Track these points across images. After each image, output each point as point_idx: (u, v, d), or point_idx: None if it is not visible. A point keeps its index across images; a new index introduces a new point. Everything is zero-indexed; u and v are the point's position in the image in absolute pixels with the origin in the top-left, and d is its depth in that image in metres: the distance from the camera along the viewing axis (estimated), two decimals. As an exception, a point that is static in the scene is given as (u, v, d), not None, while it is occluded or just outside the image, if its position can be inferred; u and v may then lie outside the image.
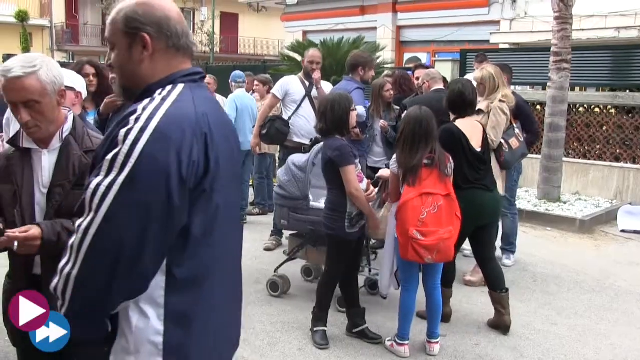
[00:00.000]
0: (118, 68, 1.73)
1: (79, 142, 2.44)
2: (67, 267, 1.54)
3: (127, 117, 1.57)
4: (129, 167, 1.50)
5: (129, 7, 1.70)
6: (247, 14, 28.04)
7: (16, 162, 2.39)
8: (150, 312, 1.62)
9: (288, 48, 13.99)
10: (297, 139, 6.26)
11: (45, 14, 29.66)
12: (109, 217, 1.50)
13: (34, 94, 2.24)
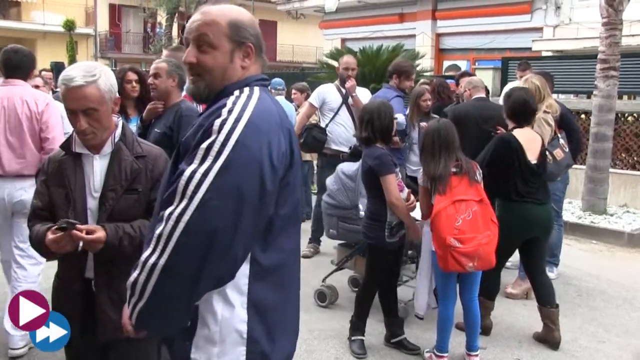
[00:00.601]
0: (211, 70, 1.76)
1: (129, 147, 2.49)
2: (152, 257, 1.56)
3: (218, 110, 1.64)
4: (224, 154, 1.55)
5: (234, 14, 1.80)
6: (286, 22, 28.21)
7: (69, 166, 2.43)
8: (235, 300, 1.66)
9: (326, 55, 13.97)
10: (335, 147, 6.26)
11: (90, 23, 30.40)
12: (204, 203, 1.53)
13: (93, 102, 2.31)
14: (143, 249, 1.61)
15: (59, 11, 27.96)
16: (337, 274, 5.23)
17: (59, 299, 2.52)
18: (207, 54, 1.76)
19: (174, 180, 1.60)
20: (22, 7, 29.32)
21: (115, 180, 2.42)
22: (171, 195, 1.59)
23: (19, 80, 4.21)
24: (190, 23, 1.80)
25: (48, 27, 28.19)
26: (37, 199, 2.50)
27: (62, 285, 2.50)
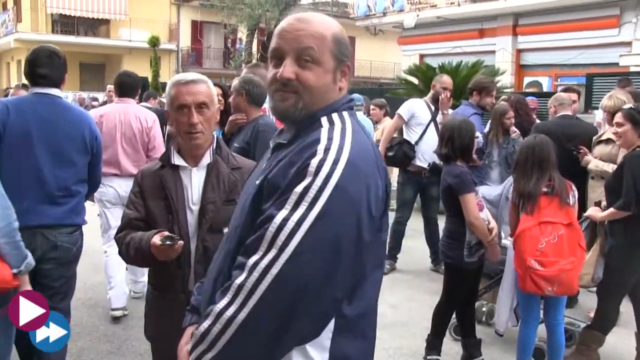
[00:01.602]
0: (312, 87, 1.57)
1: (225, 160, 2.55)
2: (229, 310, 1.41)
3: (312, 147, 1.47)
4: (321, 202, 1.40)
5: (336, 28, 1.63)
6: (364, 37, 28.29)
7: (169, 179, 2.47)
8: (316, 356, 1.49)
9: (405, 72, 13.95)
10: (419, 163, 6.27)
11: (173, 39, 31.48)
12: (296, 256, 1.38)
13: (206, 97, 2.43)
14: (217, 298, 1.47)
15: (144, 28, 29.11)
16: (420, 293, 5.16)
17: (161, 310, 2.52)
18: (309, 70, 1.56)
19: (260, 225, 1.45)
20: (110, 24, 30.71)
21: (214, 192, 2.46)
22: (256, 241, 1.43)
23: (130, 99, 5.24)
24: (286, 32, 1.59)
25: (134, 44, 29.36)
26: (132, 210, 2.52)
27: (166, 297, 2.48)
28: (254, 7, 22.54)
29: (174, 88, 2.44)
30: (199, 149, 2.47)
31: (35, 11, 28.80)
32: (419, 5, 21.24)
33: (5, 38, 29.43)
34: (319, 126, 1.54)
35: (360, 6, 24.39)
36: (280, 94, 1.59)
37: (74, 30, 29.90)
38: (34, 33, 28.54)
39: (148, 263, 2.48)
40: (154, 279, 2.59)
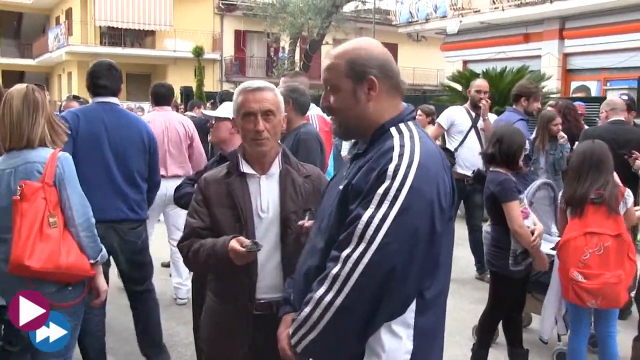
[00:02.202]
0: (340, 110, 1.89)
1: (295, 168, 2.55)
2: (328, 296, 1.71)
3: (388, 154, 1.74)
4: (400, 200, 1.66)
5: (350, 53, 1.88)
6: (406, 44, 28.15)
7: (237, 186, 2.45)
8: (402, 332, 1.75)
9: (449, 78, 13.82)
10: (460, 170, 6.19)
11: (216, 49, 31.88)
12: (382, 247, 1.65)
13: (272, 105, 2.44)
14: (314, 287, 1.77)
15: (188, 38, 29.59)
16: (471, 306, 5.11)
17: (224, 317, 2.49)
18: (332, 96, 1.89)
19: (349, 223, 1.72)
20: (156, 35, 31.31)
21: (294, 202, 2.45)
22: (347, 237, 1.71)
23: (167, 107, 5.79)
24: (322, 70, 1.94)
25: (178, 54, 29.85)
26: (196, 219, 2.48)
27: (231, 305, 2.46)
28: (296, 16, 22.67)
29: (241, 95, 2.45)
30: (265, 156, 2.47)
31: (85, 24, 29.60)
32: (462, 11, 21.06)
33: (57, 51, 30.31)
34: (390, 136, 1.81)
35: (403, 13, 24.31)
36: (331, 119, 1.98)
37: (120, 42, 30.62)
38: (83, 45, 29.34)
39: (219, 269, 2.44)
40: (218, 287, 2.55)
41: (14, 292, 2.63)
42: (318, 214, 2.09)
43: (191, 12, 30.51)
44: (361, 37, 1.99)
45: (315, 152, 4.07)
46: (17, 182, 2.88)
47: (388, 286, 1.67)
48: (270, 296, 2.41)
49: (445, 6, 21.86)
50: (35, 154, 2.95)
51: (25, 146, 2.96)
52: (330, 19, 22.69)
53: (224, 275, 2.47)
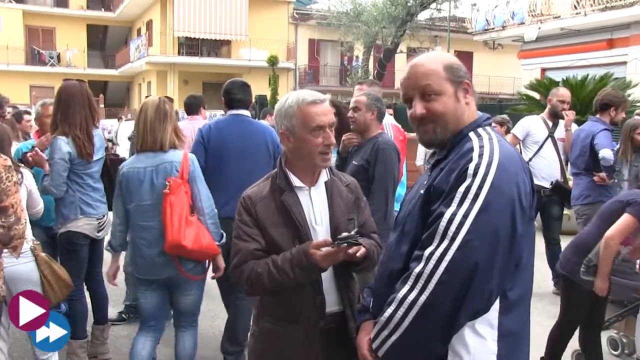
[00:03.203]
0: (444, 114, 1.89)
1: (337, 178, 2.53)
2: (411, 294, 1.72)
3: (468, 154, 1.78)
4: (481, 197, 1.69)
5: (443, 58, 1.94)
6: (482, 52, 27.68)
7: (292, 202, 2.37)
8: (486, 333, 1.76)
9: (526, 86, 13.46)
10: (536, 181, 5.95)
11: (290, 58, 32.31)
12: (465, 244, 1.67)
13: (333, 117, 2.42)
14: (397, 287, 1.77)
15: (263, 47, 30.12)
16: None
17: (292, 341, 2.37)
18: (435, 101, 1.88)
19: (432, 222, 1.74)
20: (231, 45, 32.04)
21: (341, 211, 2.43)
22: (430, 236, 1.73)
23: (197, 116, 6.12)
24: (407, 79, 1.95)
25: (253, 63, 30.43)
26: (249, 240, 2.36)
27: (300, 326, 2.35)
28: (370, 25, 22.67)
29: (305, 108, 2.34)
30: (325, 168, 2.45)
31: (164, 35, 30.63)
32: (541, 17, 20.45)
33: (138, 61, 31.50)
34: (469, 139, 1.85)
35: (479, 20, 23.88)
36: (422, 128, 1.94)
37: (197, 52, 31.51)
38: (162, 55, 30.35)
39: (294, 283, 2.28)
40: (280, 309, 2.41)
41: (165, 270, 3.57)
42: (397, 222, 2.09)
43: (266, 21, 31.07)
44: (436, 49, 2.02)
45: (393, 161, 4.07)
46: (159, 179, 3.53)
47: (471, 282, 1.67)
48: (333, 309, 2.38)
49: (523, 13, 21.30)
50: (170, 155, 3.59)
51: (158, 149, 3.57)
52: (405, 28, 22.53)
53: (291, 296, 2.34)
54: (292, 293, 2.32)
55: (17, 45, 33.24)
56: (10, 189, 2.85)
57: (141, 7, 32.72)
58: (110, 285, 4.27)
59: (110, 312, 5.05)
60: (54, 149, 4.14)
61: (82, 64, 34.06)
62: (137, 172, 3.58)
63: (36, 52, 34.57)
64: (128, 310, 5.52)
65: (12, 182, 2.88)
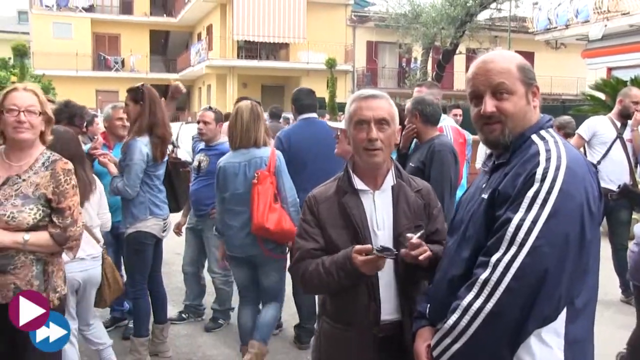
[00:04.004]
0: (514, 114, 1.85)
1: (407, 183, 2.44)
2: (477, 302, 1.69)
3: (534, 158, 1.75)
4: (550, 202, 1.66)
5: (515, 59, 1.90)
6: (544, 52, 26.96)
7: (353, 205, 2.34)
8: (552, 342, 1.72)
9: (591, 87, 13.01)
10: (604, 184, 5.75)
11: (348, 60, 32.32)
12: (534, 250, 1.64)
13: (387, 114, 2.32)
14: (461, 294, 1.74)
15: (321, 50, 30.23)
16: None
17: (350, 347, 2.35)
18: (506, 100, 1.84)
19: (498, 228, 1.71)
20: (290, 48, 32.30)
21: (407, 218, 2.34)
22: (497, 242, 1.70)
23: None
24: (478, 74, 1.89)
25: (311, 66, 30.57)
26: (309, 240, 2.38)
27: (356, 332, 2.32)
28: (429, 26, 22.43)
29: (354, 103, 2.36)
30: (378, 168, 2.36)
31: (223, 39, 31.16)
32: (608, 14, 19.77)
33: (198, 65, 32.15)
34: (533, 142, 1.82)
35: (540, 20, 23.26)
36: (488, 127, 1.89)
37: (256, 55, 31.91)
38: (221, 59, 30.89)
39: (338, 286, 2.29)
40: (339, 312, 2.41)
41: (251, 248, 4.20)
42: (454, 225, 2.06)
43: (324, 24, 31.19)
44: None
45: (449, 163, 4.02)
46: (251, 172, 4.16)
47: (540, 290, 1.64)
48: (391, 317, 2.32)
49: (588, 10, 20.63)
50: (261, 151, 4.24)
51: (252, 145, 4.21)
52: (464, 28, 22.19)
53: (346, 299, 2.34)
54: (347, 296, 2.31)
55: (85, 52, 34.49)
56: (68, 192, 2.90)
57: (202, 12, 33.39)
58: (170, 285, 4.38)
59: (170, 312, 5.16)
60: (133, 150, 4.28)
61: (145, 69, 34.99)
62: (232, 166, 4.24)
63: (102, 58, 35.80)
64: (188, 310, 5.61)
65: (71, 185, 2.93)
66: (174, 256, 6.64)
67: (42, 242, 2.84)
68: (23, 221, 2.81)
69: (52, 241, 2.85)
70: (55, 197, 2.88)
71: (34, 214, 2.83)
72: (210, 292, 5.66)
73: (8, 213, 2.80)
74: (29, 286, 2.83)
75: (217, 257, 4.85)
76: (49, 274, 2.91)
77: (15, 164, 2.93)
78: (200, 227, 5.37)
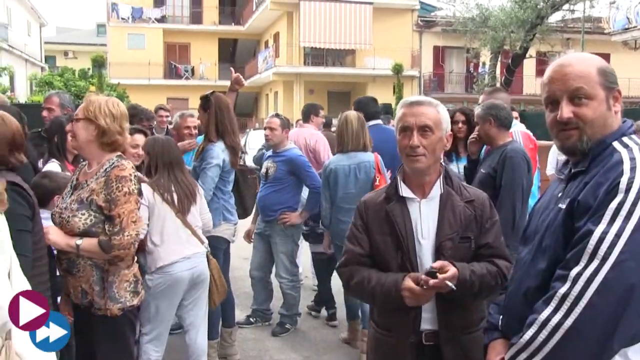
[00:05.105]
0: (594, 120, 1.76)
1: (457, 192, 2.39)
2: (555, 317, 1.61)
3: (617, 167, 1.66)
4: (636, 214, 1.58)
5: (596, 62, 1.81)
6: (620, 53, 25.95)
7: (397, 212, 2.35)
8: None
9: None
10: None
11: (415, 65, 32.05)
12: (618, 264, 1.56)
13: (430, 120, 2.31)
14: (537, 307, 1.67)
15: (387, 55, 30.07)
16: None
17: (393, 353, 2.37)
18: (584, 106, 1.76)
19: (578, 241, 1.63)
20: (356, 54, 32.31)
21: (452, 228, 2.30)
22: (577, 255, 1.62)
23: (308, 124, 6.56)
24: (554, 79, 1.81)
25: (377, 71, 30.45)
26: (356, 245, 2.42)
27: (395, 337, 2.36)
28: (497, 30, 21.96)
29: (400, 110, 2.39)
30: (424, 176, 2.35)
31: (290, 46, 31.48)
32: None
33: (265, 72, 32.58)
34: (614, 150, 1.73)
35: (618, 19, 22.44)
36: (564, 133, 1.81)
37: (322, 61, 32.08)
38: (288, 66, 31.21)
39: (383, 304, 2.37)
40: (382, 319, 2.45)
41: None
42: (528, 235, 1.97)
43: (390, 29, 31.05)
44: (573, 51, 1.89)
45: (522, 170, 3.94)
46: (361, 173, 4.71)
47: (627, 305, 1.55)
48: (431, 327, 2.31)
49: (670, 8, 19.79)
50: (367, 155, 4.80)
51: (361, 149, 4.76)
52: (535, 31, 21.59)
53: (389, 307, 2.37)
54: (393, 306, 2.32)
55: (157, 61, 35.64)
56: (119, 199, 2.91)
57: (269, 20, 33.85)
58: (238, 290, 4.44)
59: (238, 316, 5.23)
60: (211, 154, 4.38)
61: (214, 76, 35.76)
62: (343, 168, 4.75)
63: (173, 67, 36.86)
64: (255, 314, 5.68)
65: (122, 192, 2.92)
66: (242, 261, 6.73)
67: (91, 248, 2.90)
68: (75, 225, 2.90)
69: (98, 248, 2.89)
70: (106, 204, 2.91)
71: (84, 219, 2.90)
72: (278, 296, 5.72)
73: (65, 216, 2.93)
74: (91, 290, 2.97)
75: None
76: (108, 282, 2.97)
77: (89, 170, 3.07)
78: (268, 233, 5.43)
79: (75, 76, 27.43)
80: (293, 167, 5.29)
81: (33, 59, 35.41)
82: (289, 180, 5.33)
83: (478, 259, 2.33)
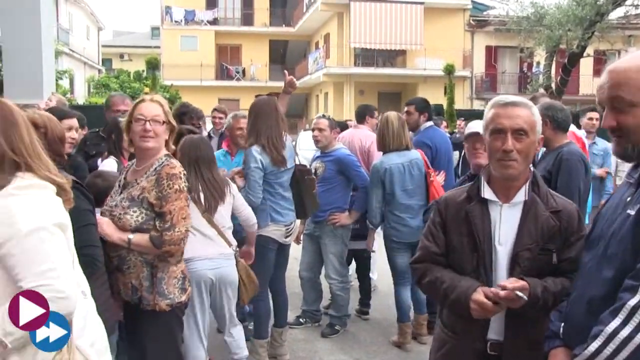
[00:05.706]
0: (635, 127, 1.69)
1: (544, 200, 2.27)
2: (624, 330, 1.54)
3: None
4: None
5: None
6: (683, 52, 25.01)
7: (477, 214, 2.26)
8: None
9: None
10: None
11: (466, 66, 31.59)
12: None
13: (526, 124, 2.19)
14: (604, 319, 1.59)
15: (438, 56, 29.70)
16: None
17: (457, 356, 2.34)
18: (626, 113, 1.69)
19: None
20: (406, 55, 32.06)
21: (531, 238, 2.19)
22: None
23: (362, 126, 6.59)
24: (599, 87, 1.76)
25: (428, 72, 30.12)
26: (432, 242, 2.37)
27: (463, 341, 2.31)
28: (553, 28, 21.38)
29: (493, 110, 2.25)
30: (513, 181, 2.23)
31: (340, 47, 31.47)
32: None
33: (316, 73, 32.68)
34: None
35: (681, 16, 21.54)
36: (614, 139, 1.78)
37: (373, 62, 31.97)
38: (338, 67, 31.21)
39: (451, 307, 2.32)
40: (451, 320, 2.40)
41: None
42: (591, 241, 1.90)
43: (441, 30, 30.71)
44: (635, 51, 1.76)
45: (578, 172, 3.82)
46: (415, 170, 5.03)
47: None
48: (497, 337, 2.24)
49: None
50: (413, 153, 5.12)
51: (404, 148, 5.04)
52: (593, 29, 20.92)
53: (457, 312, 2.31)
54: None
55: (209, 62, 36.16)
56: (170, 196, 2.97)
57: (319, 21, 33.94)
58: (288, 290, 4.45)
59: (288, 316, 5.24)
60: (248, 159, 4.40)
61: (265, 77, 36.09)
62: (397, 166, 4.97)
63: (224, 68, 37.35)
64: (305, 315, 5.68)
65: (174, 189, 2.99)
66: (292, 261, 6.70)
67: (143, 243, 2.97)
68: (126, 223, 2.97)
69: (150, 243, 2.96)
70: (157, 201, 2.98)
71: (136, 216, 2.97)
72: (327, 298, 5.70)
73: (117, 213, 2.99)
74: (140, 286, 3.03)
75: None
76: (157, 278, 3.03)
77: (140, 169, 3.13)
78: (317, 234, 5.43)
79: (130, 78, 28.19)
80: (342, 167, 5.28)
81: (91, 61, 36.54)
82: (338, 180, 5.32)
83: (557, 274, 2.22)
